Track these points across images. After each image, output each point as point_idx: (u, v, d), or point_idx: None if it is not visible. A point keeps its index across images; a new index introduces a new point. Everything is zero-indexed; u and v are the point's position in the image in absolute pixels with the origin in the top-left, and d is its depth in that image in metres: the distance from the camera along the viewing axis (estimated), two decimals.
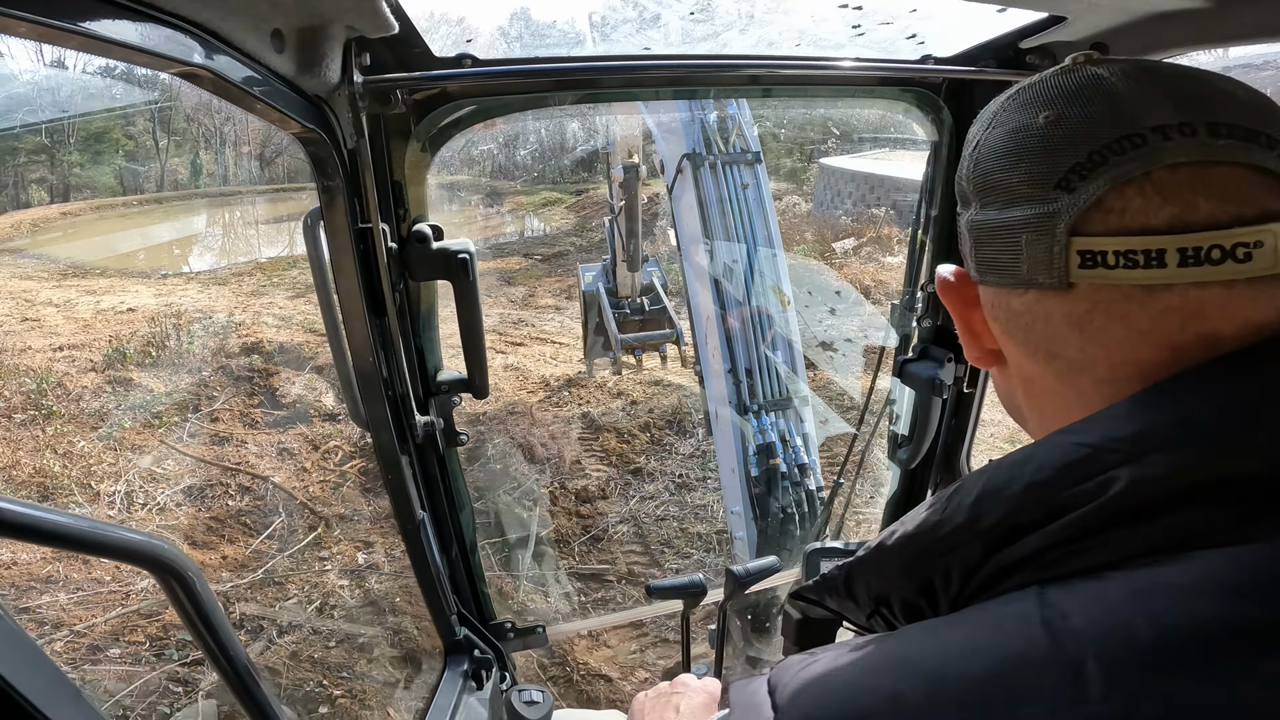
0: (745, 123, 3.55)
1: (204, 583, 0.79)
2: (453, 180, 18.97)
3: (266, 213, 18.67)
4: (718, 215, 3.25)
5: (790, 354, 3.24)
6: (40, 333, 8.52)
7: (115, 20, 0.59)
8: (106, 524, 0.69)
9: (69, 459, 5.92)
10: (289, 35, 0.82)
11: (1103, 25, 1.19)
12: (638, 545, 5.54)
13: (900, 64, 1.44)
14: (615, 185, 5.43)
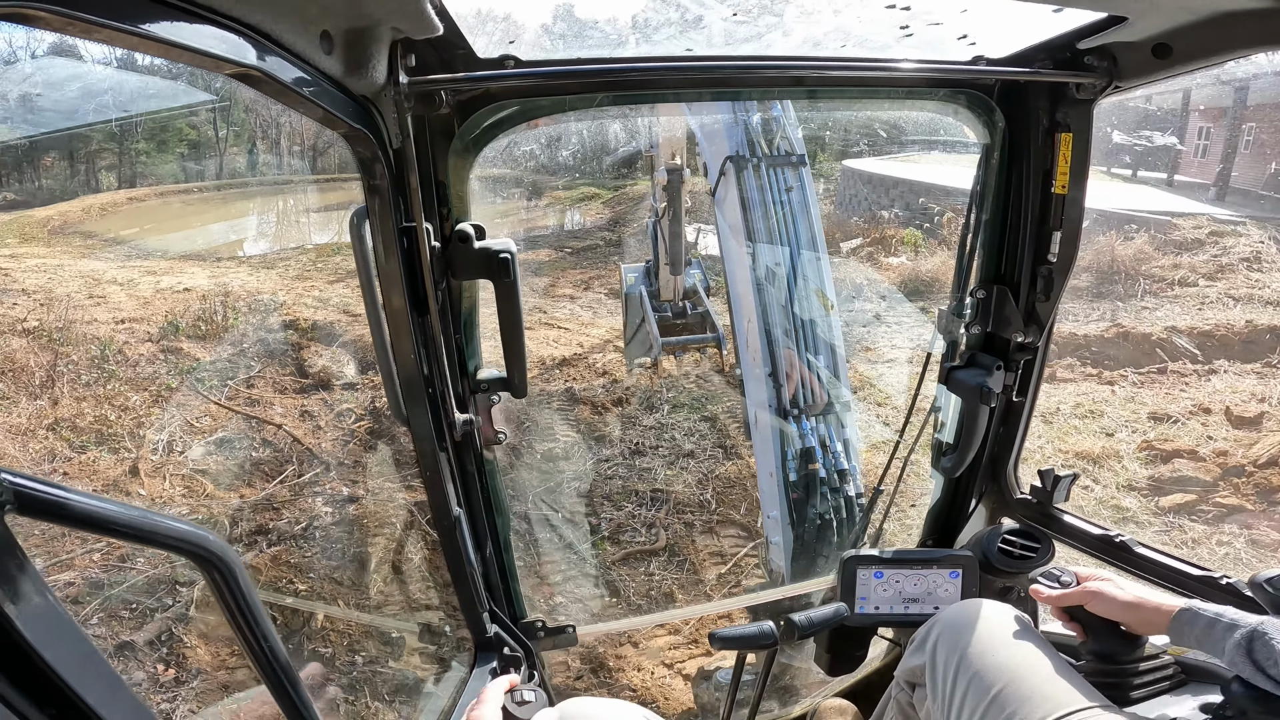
0: (789, 124, 3.47)
1: (245, 575, 0.80)
2: (495, 174, 19.25)
3: (316, 201, 19.35)
4: (760, 217, 3.19)
5: (833, 358, 3.18)
6: (105, 308, 9.49)
7: (173, 22, 0.61)
8: (154, 513, 0.71)
9: (123, 411, 6.97)
10: (337, 37, 0.84)
11: (1165, 25, 1.15)
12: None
13: (951, 65, 1.41)
14: (659, 188, 5.40)
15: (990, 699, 1.20)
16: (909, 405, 1.98)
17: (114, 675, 0.60)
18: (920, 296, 10.12)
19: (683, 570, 5.01)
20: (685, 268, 5.61)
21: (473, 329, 1.41)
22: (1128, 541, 1.63)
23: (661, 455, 6.36)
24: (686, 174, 5.07)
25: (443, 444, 1.37)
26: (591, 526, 5.50)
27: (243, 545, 5.24)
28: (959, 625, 1.36)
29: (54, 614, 0.54)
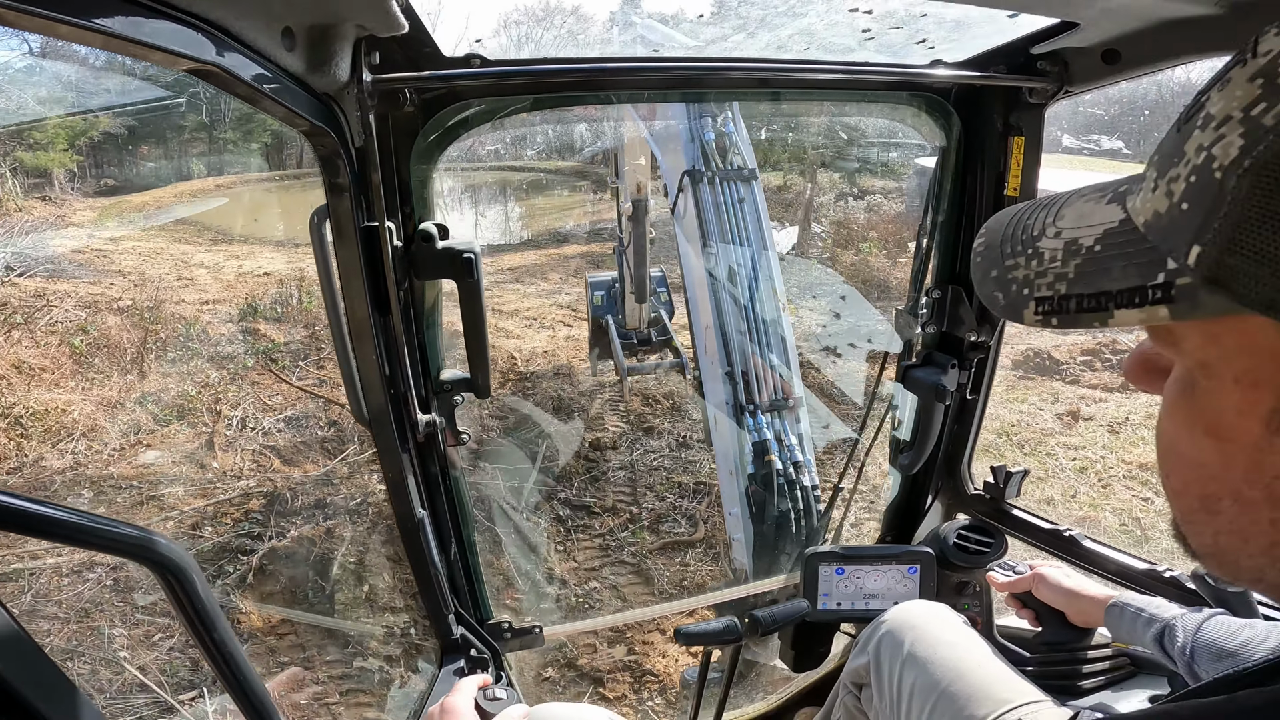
0: (742, 141, 3.71)
1: (201, 578, 0.79)
2: (564, 165, 20.06)
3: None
4: (716, 226, 3.39)
5: (785, 356, 3.31)
6: (192, 289, 10.22)
7: (128, 17, 0.59)
8: (102, 518, 0.69)
9: (204, 388, 7.51)
10: (300, 33, 0.82)
11: (1115, 31, 1.19)
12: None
13: (910, 69, 1.44)
14: (624, 219, 5.58)
15: (936, 697, 1.23)
16: (867, 403, 2.02)
17: (67, 682, 0.59)
18: None
19: (714, 558, 5.15)
20: (650, 296, 5.82)
21: (435, 330, 1.39)
22: (1076, 536, 1.68)
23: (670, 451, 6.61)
24: (650, 204, 5.29)
25: (405, 446, 1.36)
26: (632, 516, 5.62)
27: (301, 519, 5.47)
28: (901, 626, 1.39)
29: (4, 623, 0.53)
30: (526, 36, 20.56)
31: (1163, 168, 0.44)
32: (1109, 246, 0.46)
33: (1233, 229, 0.38)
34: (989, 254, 0.54)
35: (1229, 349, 0.43)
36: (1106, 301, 0.45)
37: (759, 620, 1.58)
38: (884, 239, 11.83)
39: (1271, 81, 0.39)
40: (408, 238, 1.22)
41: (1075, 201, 0.52)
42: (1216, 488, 0.45)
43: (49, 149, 15.23)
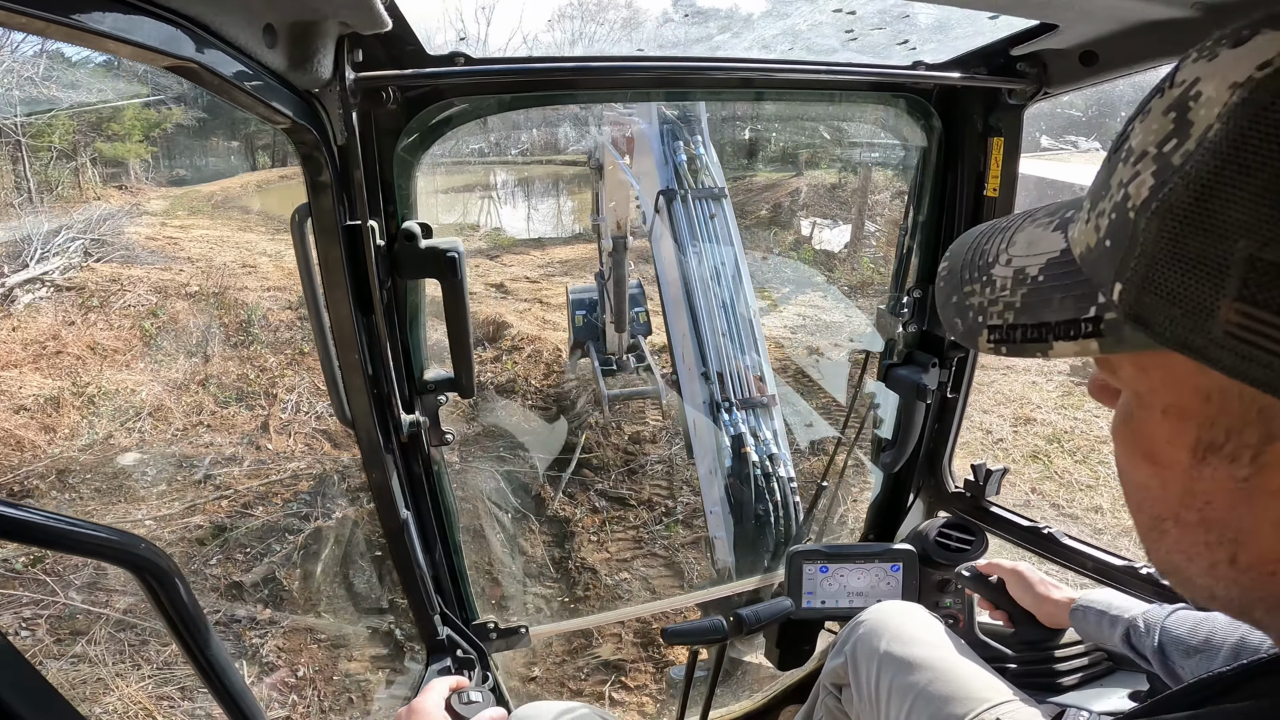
0: (712, 163, 3.94)
1: (184, 580, 0.78)
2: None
3: (444, 183, 20.41)
4: (690, 241, 3.59)
5: (757, 357, 3.44)
6: (255, 276, 10.60)
7: (107, 13, 0.58)
8: (83, 521, 0.68)
9: (262, 371, 7.89)
10: (281, 30, 0.81)
11: (1093, 34, 1.20)
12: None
13: (892, 69, 1.45)
14: (605, 255, 5.87)
15: (914, 698, 1.24)
16: (849, 402, 2.03)
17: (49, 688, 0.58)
18: None
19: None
20: (629, 324, 6.12)
21: (418, 329, 1.39)
22: (1054, 533, 1.71)
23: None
24: (630, 241, 5.62)
25: (389, 446, 1.35)
26: (667, 509, 5.74)
27: (346, 500, 5.70)
28: (878, 627, 1.40)
29: None
30: (580, 32, 20.64)
31: (1094, 199, 0.45)
32: (1051, 277, 0.47)
33: (1146, 269, 0.39)
34: (950, 279, 0.55)
35: (1156, 382, 0.44)
36: (1046, 333, 0.46)
37: (744, 619, 1.58)
38: None
39: (1183, 116, 0.39)
40: (390, 236, 1.21)
41: (1027, 226, 0.52)
42: (1160, 509, 0.47)
43: (126, 140, 15.91)
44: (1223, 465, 0.41)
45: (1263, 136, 0.35)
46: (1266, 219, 0.34)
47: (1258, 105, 0.35)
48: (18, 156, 12.27)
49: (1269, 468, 0.39)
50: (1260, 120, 0.35)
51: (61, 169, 13.55)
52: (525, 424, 7.05)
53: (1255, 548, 0.42)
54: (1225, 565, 0.43)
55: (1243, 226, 0.35)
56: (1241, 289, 0.35)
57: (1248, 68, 0.36)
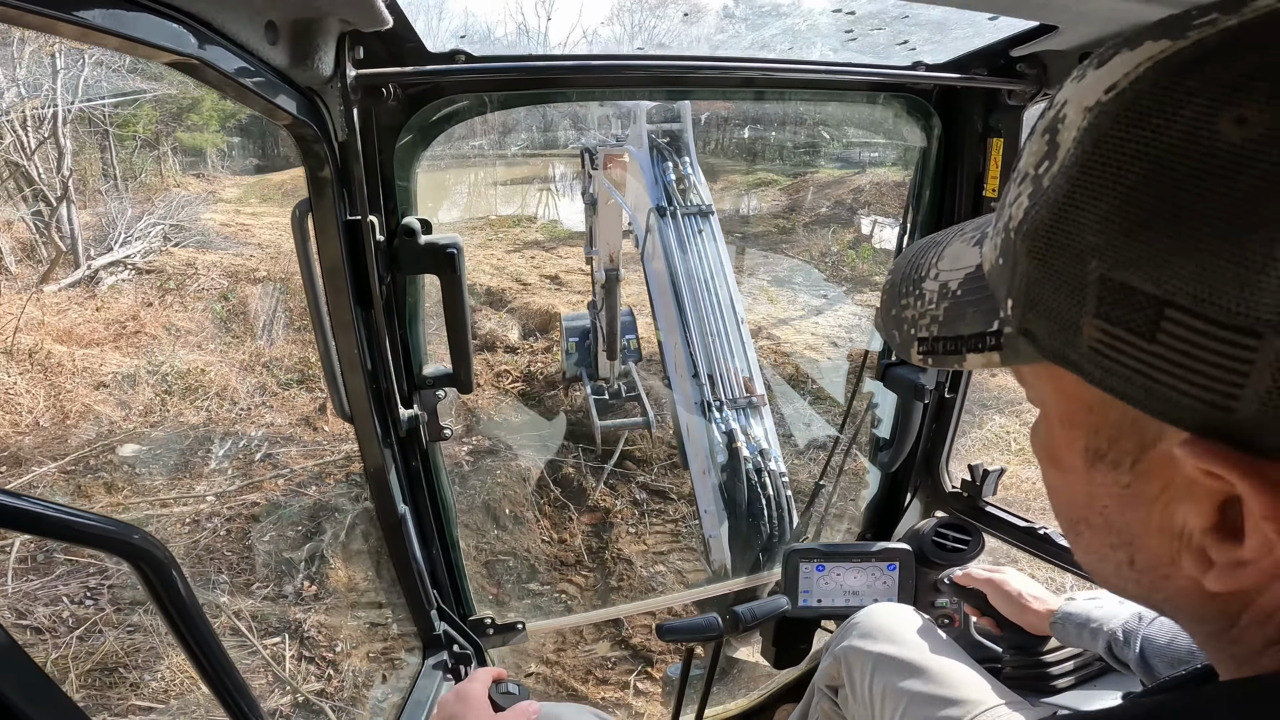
0: (699, 181, 4.17)
1: (180, 571, 0.78)
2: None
3: (504, 175, 21.02)
4: (679, 255, 3.79)
5: (746, 361, 3.57)
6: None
7: (108, 10, 0.59)
8: (79, 510, 0.68)
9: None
10: (283, 27, 0.82)
11: (1092, 35, 1.20)
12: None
13: (892, 70, 1.45)
14: (599, 286, 6.15)
15: (907, 701, 1.24)
16: (848, 401, 2.03)
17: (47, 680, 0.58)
18: None
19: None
20: (620, 352, 6.40)
21: (417, 324, 1.39)
22: (1051, 534, 1.71)
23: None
24: (622, 274, 5.93)
25: (388, 440, 1.36)
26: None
27: (482, 464, 5.96)
28: (870, 630, 1.41)
29: None
30: (640, 25, 20.76)
31: (999, 217, 0.46)
32: (967, 291, 0.48)
33: (1026, 287, 0.41)
34: (891, 292, 0.56)
35: (1049, 392, 0.45)
36: (960, 345, 0.48)
37: (740, 617, 1.59)
38: None
39: (1053, 138, 0.39)
40: (390, 232, 1.22)
41: (955, 241, 0.54)
42: (1072, 513, 0.48)
43: (204, 130, 16.43)
44: (1109, 472, 0.42)
45: (1103, 161, 0.36)
46: (1112, 241, 0.35)
47: (1099, 130, 0.36)
48: (105, 145, 12.64)
49: (1146, 475, 0.40)
50: (1102, 144, 0.36)
51: (145, 157, 13.94)
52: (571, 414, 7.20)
53: (1147, 551, 0.43)
54: (1127, 567, 0.45)
55: (1093, 248, 0.36)
56: (1098, 307, 0.36)
57: (1098, 91, 0.37)
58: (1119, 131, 0.35)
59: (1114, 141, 0.36)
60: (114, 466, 5.81)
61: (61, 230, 9.36)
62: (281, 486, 5.73)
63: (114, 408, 6.64)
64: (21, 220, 9.50)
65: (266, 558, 4.96)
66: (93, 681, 3.96)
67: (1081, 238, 0.37)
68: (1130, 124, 0.35)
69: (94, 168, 12.50)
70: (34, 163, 9.26)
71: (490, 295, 10.43)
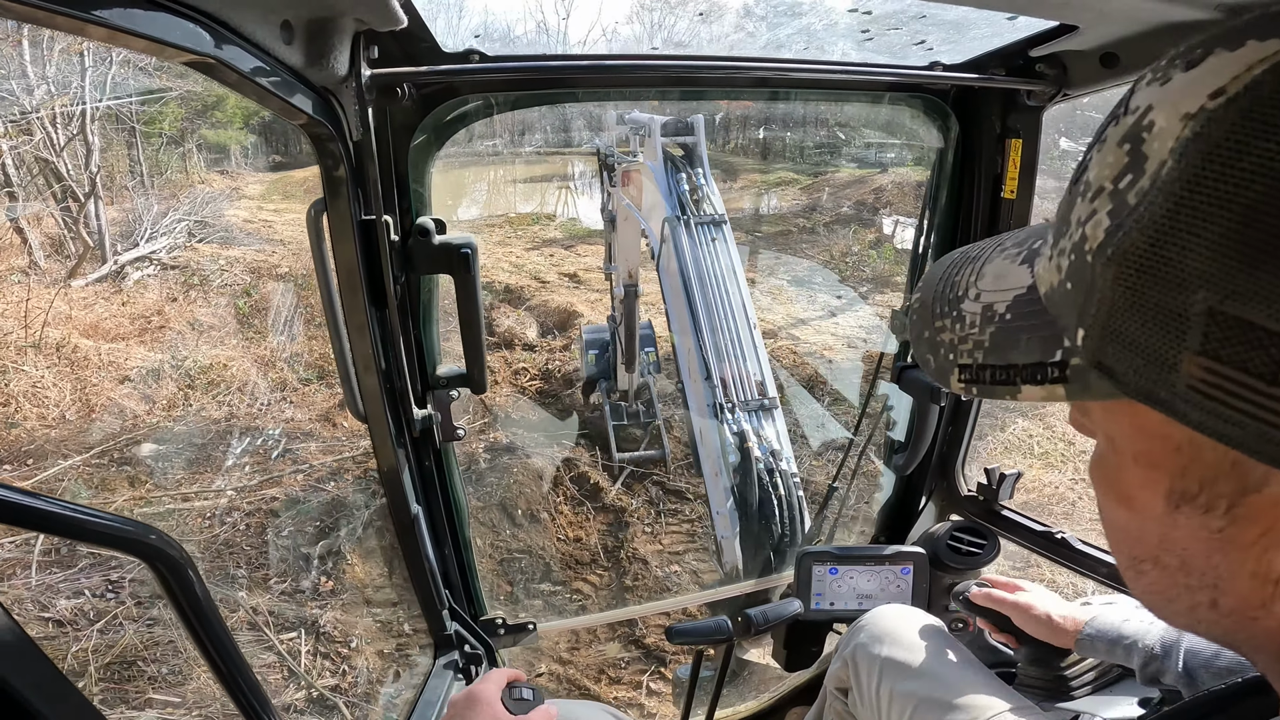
0: (712, 192, 4.24)
1: (195, 570, 0.78)
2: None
3: (523, 173, 21.02)
4: (692, 263, 3.84)
5: (758, 365, 3.59)
6: None
7: (126, 9, 0.59)
8: (94, 510, 0.69)
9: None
10: (298, 27, 0.82)
11: (1114, 35, 1.19)
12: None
13: (908, 70, 1.44)
14: (618, 301, 6.21)
15: (915, 705, 1.23)
16: (862, 404, 2.02)
17: (61, 677, 0.59)
18: None
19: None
20: (639, 364, 6.42)
21: (431, 324, 1.39)
22: (1068, 538, 1.69)
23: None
24: (641, 290, 5.97)
25: (401, 440, 1.36)
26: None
27: (495, 463, 6.01)
28: (878, 633, 1.39)
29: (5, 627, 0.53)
30: (659, 23, 20.94)
31: (1056, 235, 0.42)
32: (1018, 315, 0.45)
33: (1107, 317, 0.37)
34: (923, 313, 0.52)
35: (1125, 429, 0.42)
36: (1014, 375, 0.44)
37: (751, 619, 1.58)
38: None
39: (1137, 149, 0.36)
40: (405, 232, 1.22)
41: (996, 257, 0.50)
42: (1138, 551, 0.45)
43: (228, 127, 16.64)
44: (1196, 515, 0.39)
45: (1217, 177, 0.32)
46: (1226, 269, 0.31)
47: (1210, 142, 0.32)
48: (132, 142, 12.82)
49: (1243, 520, 0.37)
50: (1214, 159, 0.32)
51: (170, 154, 14.13)
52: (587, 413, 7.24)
53: (1235, 594, 0.40)
54: (1206, 608, 0.42)
55: (1201, 276, 0.32)
56: (1204, 343, 0.32)
57: (1200, 96, 0.33)
58: (1236, 143, 0.31)
59: (1229, 154, 0.31)
60: (137, 461, 5.89)
61: (89, 226, 9.48)
62: (300, 482, 5.79)
63: (138, 402, 6.72)
64: (51, 216, 9.65)
65: (284, 553, 5.01)
66: (111, 676, 4.00)
67: (1186, 264, 0.32)
68: (1251, 135, 0.31)
69: (121, 164, 12.68)
70: (63, 159, 9.40)
71: (509, 293, 10.48)
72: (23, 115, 8.80)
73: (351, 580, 4.84)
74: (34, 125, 8.92)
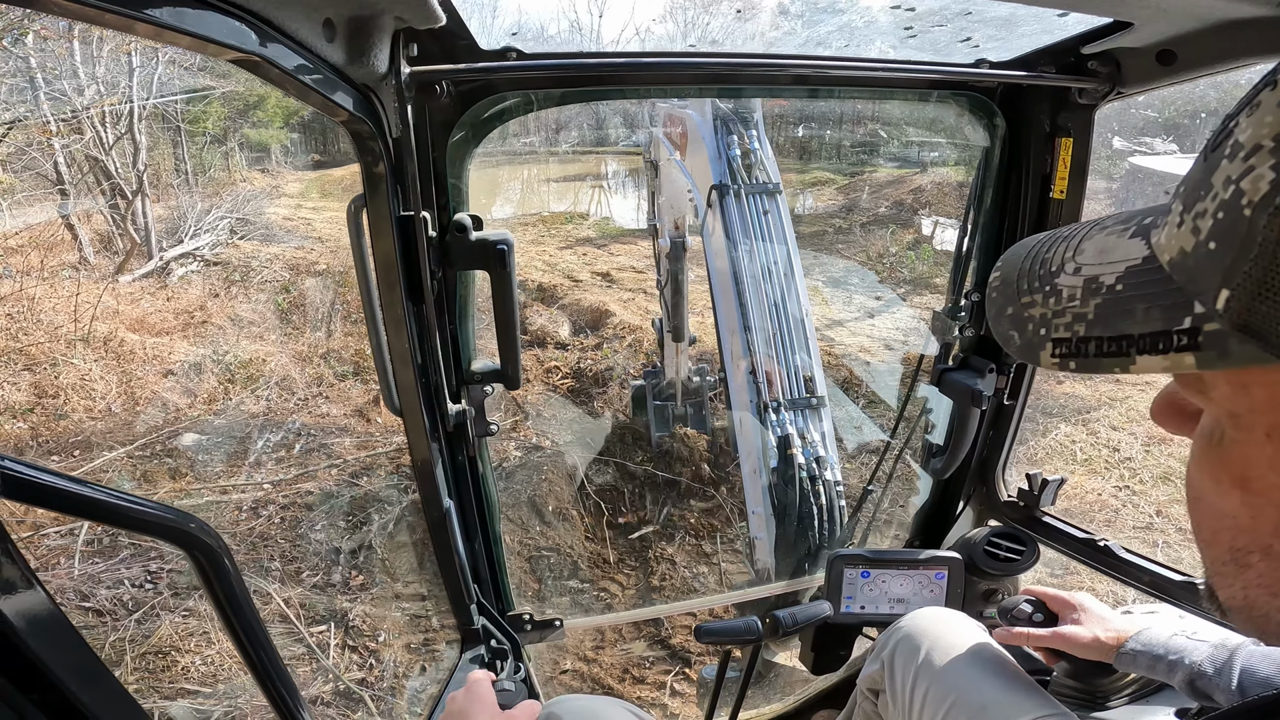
0: (767, 157, 3.77)
1: (233, 560, 0.80)
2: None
3: (557, 172, 21.33)
4: (742, 238, 3.49)
5: (809, 358, 3.35)
6: None
7: (175, 8, 0.60)
8: (138, 498, 0.70)
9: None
10: (340, 25, 0.83)
11: (1171, 32, 1.15)
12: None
13: (953, 67, 1.41)
14: (662, 256, 5.45)
15: (949, 707, 1.21)
16: (900, 406, 1.99)
17: (98, 662, 0.60)
18: None
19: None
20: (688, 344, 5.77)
21: (467, 320, 1.40)
22: (1110, 546, 1.64)
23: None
24: (689, 242, 5.16)
25: (435, 435, 1.37)
26: None
27: (529, 462, 6.04)
28: (917, 633, 1.37)
29: (39, 602, 0.54)
30: (693, 22, 21.18)
31: (1189, 201, 0.41)
32: (1131, 285, 0.43)
33: (1264, 272, 0.35)
34: (1005, 289, 0.51)
35: (1260, 401, 0.40)
36: (1128, 346, 0.42)
37: (780, 621, 1.56)
38: None
39: None
40: (442, 228, 1.23)
41: (1096, 234, 0.48)
42: (1246, 540, 0.43)
43: (269, 126, 17.06)
44: None
45: None
46: None
47: None
48: (177, 141, 13.06)
49: None
50: None
51: (213, 153, 14.40)
52: (618, 413, 7.22)
53: None
54: None
55: None
56: None
57: None
58: None
59: None
60: (178, 453, 6.05)
61: (136, 223, 9.74)
62: (334, 477, 5.88)
63: (180, 395, 6.90)
64: (100, 213, 9.95)
65: (316, 546, 5.11)
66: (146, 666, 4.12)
67: None
68: None
69: (167, 162, 12.97)
70: (112, 157, 9.66)
71: (542, 291, 10.55)
72: (74, 114, 9.04)
73: (382, 574, 4.92)
74: (84, 124, 9.17)
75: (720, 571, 5.11)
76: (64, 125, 9.12)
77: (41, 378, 6.73)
